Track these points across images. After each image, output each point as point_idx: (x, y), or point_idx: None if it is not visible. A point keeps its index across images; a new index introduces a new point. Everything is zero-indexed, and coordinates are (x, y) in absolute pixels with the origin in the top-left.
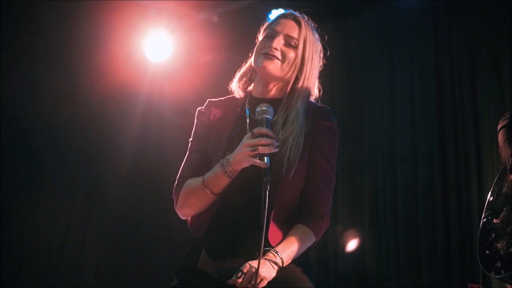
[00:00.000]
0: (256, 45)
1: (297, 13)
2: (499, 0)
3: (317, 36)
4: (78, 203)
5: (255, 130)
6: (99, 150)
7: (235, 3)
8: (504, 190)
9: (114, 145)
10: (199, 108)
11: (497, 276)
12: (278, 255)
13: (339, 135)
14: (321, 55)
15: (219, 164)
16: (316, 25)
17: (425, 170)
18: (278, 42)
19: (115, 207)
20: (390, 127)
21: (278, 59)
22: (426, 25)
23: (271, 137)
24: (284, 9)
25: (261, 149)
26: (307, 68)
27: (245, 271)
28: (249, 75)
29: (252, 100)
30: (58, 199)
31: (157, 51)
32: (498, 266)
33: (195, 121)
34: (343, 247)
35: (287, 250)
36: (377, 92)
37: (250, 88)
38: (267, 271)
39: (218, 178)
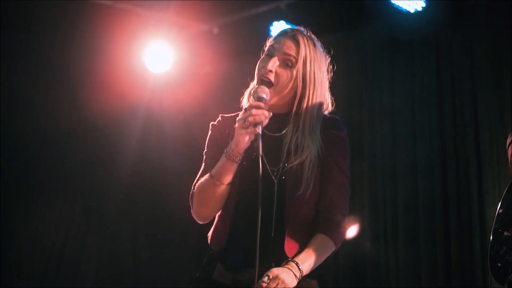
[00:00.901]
0: (258, 62)
1: (299, 28)
2: (499, 14)
3: (320, 50)
4: (76, 213)
5: (246, 106)
6: (99, 160)
7: (235, 15)
8: None
9: (114, 154)
10: (212, 123)
11: None
12: (298, 266)
13: None
14: (329, 68)
15: (224, 153)
16: (318, 39)
17: (426, 183)
18: (274, 63)
19: (114, 217)
20: (391, 140)
21: (270, 84)
22: (427, 38)
23: (261, 108)
24: (287, 24)
25: (251, 119)
26: (310, 87)
27: (271, 276)
28: None
29: None
30: (57, 209)
31: (157, 61)
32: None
33: (209, 133)
34: (343, 259)
35: (307, 261)
36: (377, 104)
37: None
38: (290, 279)
39: (224, 166)
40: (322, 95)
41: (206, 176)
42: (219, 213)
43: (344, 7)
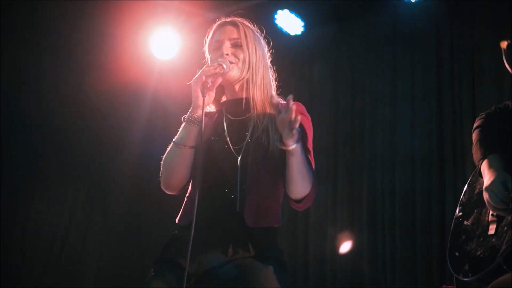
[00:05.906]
0: (209, 60)
1: (231, 17)
2: (500, 6)
3: (256, 33)
4: (81, 200)
5: None
6: (104, 147)
7: (242, 2)
8: (475, 191)
9: (119, 142)
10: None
11: (465, 279)
12: (299, 135)
13: (341, 136)
14: (262, 43)
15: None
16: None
17: (423, 173)
18: (227, 48)
19: (119, 204)
20: (391, 130)
21: (232, 62)
22: (428, 30)
23: (212, 66)
24: (291, 12)
25: (201, 73)
26: (252, 60)
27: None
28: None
29: (227, 104)
30: (61, 195)
31: (164, 49)
32: (466, 268)
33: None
34: (341, 248)
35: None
36: (379, 94)
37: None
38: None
39: (184, 129)
40: (263, 67)
41: (169, 148)
42: (188, 193)
43: None
